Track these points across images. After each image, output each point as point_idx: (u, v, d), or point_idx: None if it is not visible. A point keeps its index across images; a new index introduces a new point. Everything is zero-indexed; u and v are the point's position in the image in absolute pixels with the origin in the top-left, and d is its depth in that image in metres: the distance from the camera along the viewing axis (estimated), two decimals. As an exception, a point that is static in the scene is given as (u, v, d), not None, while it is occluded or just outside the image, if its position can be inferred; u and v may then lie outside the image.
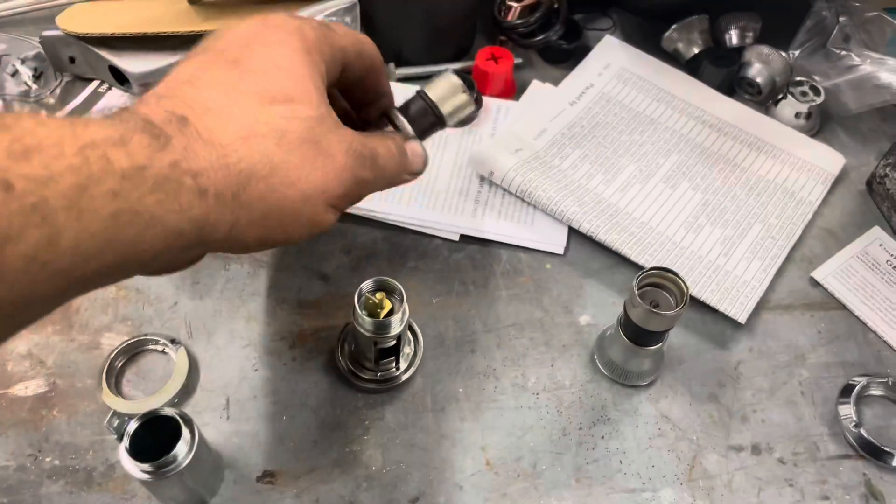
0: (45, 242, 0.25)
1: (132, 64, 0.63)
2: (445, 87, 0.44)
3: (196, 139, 0.31)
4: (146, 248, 0.29)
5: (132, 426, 0.40)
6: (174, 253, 0.31)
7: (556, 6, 0.67)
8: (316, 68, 0.36)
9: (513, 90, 0.67)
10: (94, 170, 0.26)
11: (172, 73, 0.35)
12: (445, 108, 0.44)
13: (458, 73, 0.45)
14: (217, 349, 0.51)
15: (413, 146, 0.43)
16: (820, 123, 0.65)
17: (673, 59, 0.69)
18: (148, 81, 0.63)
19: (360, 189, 0.38)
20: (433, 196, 0.59)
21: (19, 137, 0.25)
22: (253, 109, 0.33)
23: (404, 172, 0.42)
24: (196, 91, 0.33)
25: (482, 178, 0.60)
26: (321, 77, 0.36)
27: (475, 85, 0.65)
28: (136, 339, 0.50)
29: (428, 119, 0.45)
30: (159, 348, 0.51)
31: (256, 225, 0.33)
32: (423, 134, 0.45)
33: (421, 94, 0.44)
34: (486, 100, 0.65)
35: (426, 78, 0.65)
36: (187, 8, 0.66)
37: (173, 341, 0.50)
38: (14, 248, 0.24)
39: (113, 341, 0.51)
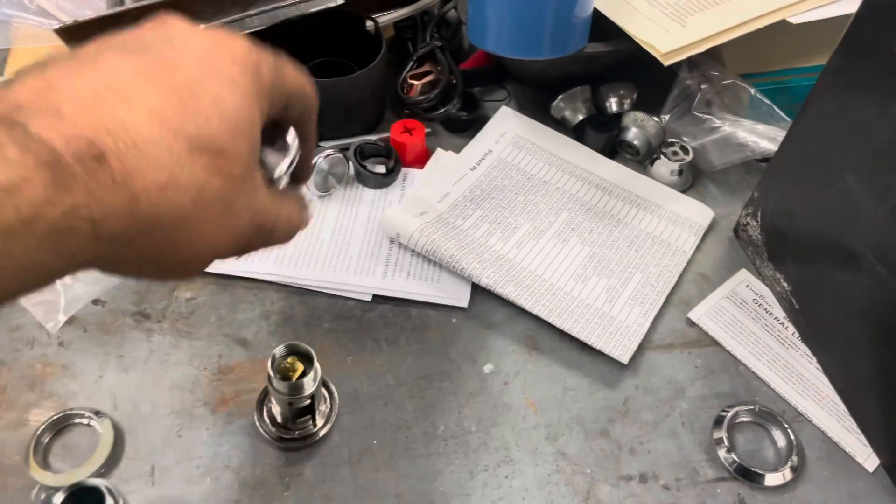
0: None
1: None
2: None
3: (107, 182, 0.26)
4: (15, 289, 0.26)
5: (58, 498, 0.43)
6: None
7: (454, 81, 0.73)
8: (259, 117, 0.32)
9: (427, 157, 0.73)
10: None
11: (102, 62, 0.29)
12: None
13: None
14: (142, 418, 0.54)
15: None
16: (692, 178, 0.73)
17: (561, 125, 0.76)
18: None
19: (243, 253, 0.36)
20: (346, 260, 0.64)
21: None
22: (180, 154, 0.28)
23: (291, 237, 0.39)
24: (129, 112, 0.27)
25: (392, 241, 0.65)
26: (260, 127, 0.33)
27: (393, 151, 0.71)
28: (62, 414, 0.53)
29: None
30: (85, 421, 0.53)
31: (131, 265, 0.30)
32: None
33: None
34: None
35: (345, 149, 0.70)
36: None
37: (98, 413, 0.53)
38: None
39: (40, 417, 0.53)
